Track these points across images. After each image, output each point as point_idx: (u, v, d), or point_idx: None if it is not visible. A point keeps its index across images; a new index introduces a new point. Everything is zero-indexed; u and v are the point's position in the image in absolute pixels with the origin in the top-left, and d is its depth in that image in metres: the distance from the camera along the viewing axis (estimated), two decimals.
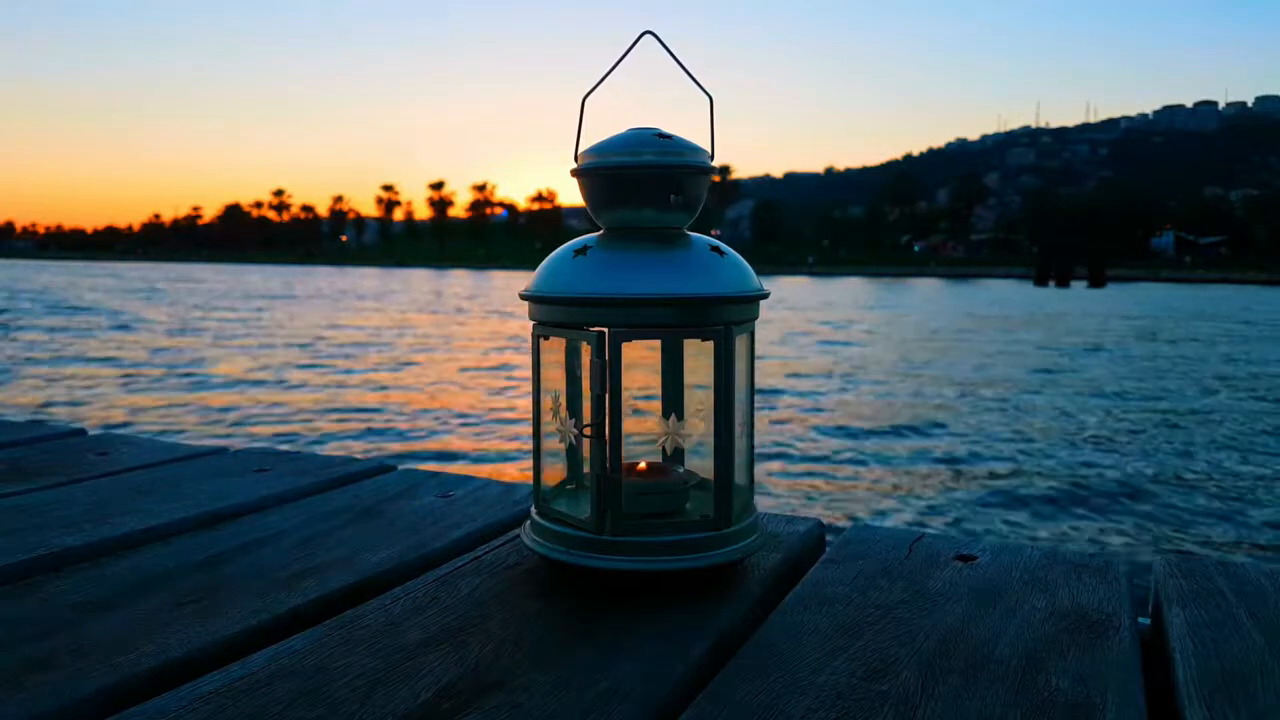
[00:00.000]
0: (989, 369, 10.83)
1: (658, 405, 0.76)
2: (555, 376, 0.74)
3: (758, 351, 0.81)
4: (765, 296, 0.70)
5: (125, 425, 6.88)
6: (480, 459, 6.08)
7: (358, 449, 6.12)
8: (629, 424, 0.67)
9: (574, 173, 0.71)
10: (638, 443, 0.73)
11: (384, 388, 9.19)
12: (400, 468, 1.04)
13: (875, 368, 11.10)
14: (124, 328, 14.63)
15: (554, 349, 0.73)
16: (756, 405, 0.74)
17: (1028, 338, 15.60)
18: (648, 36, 0.69)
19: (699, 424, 0.73)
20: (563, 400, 0.73)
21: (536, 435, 0.72)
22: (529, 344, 0.72)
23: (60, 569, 0.71)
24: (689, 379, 0.76)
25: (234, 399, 8.36)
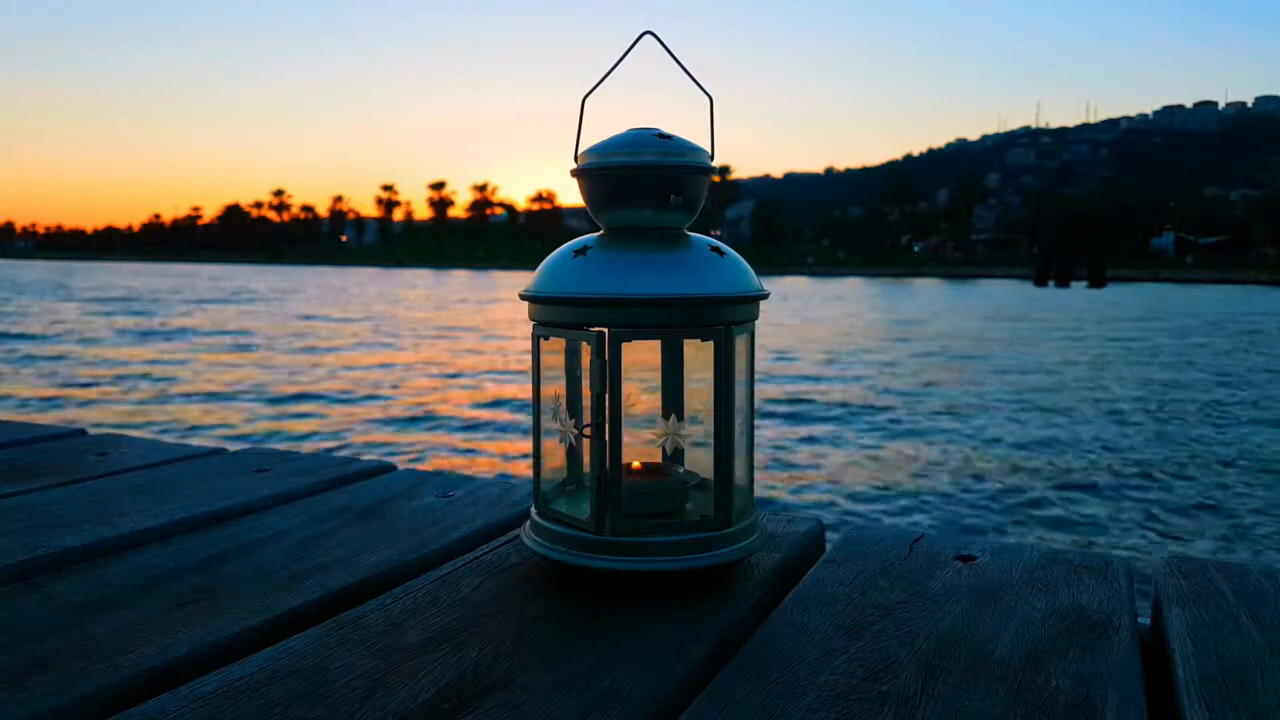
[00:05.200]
0: None
1: (658, 405, 0.76)
2: (555, 376, 0.74)
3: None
4: (765, 296, 0.70)
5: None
6: None
7: None
8: (628, 424, 0.67)
9: (574, 173, 0.71)
10: (638, 443, 0.73)
11: None
12: (400, 467, 1.04)
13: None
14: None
15: (554, 349, 0.72)
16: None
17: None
18: (648, 37, 0.69)
19: (699, 424, 0.73)
20: (563, 400, 0.73)
21: (536, 435, 0.72)
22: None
23: (60, 569, 0.71)
24: (689, 379, 0.76)
25: None
